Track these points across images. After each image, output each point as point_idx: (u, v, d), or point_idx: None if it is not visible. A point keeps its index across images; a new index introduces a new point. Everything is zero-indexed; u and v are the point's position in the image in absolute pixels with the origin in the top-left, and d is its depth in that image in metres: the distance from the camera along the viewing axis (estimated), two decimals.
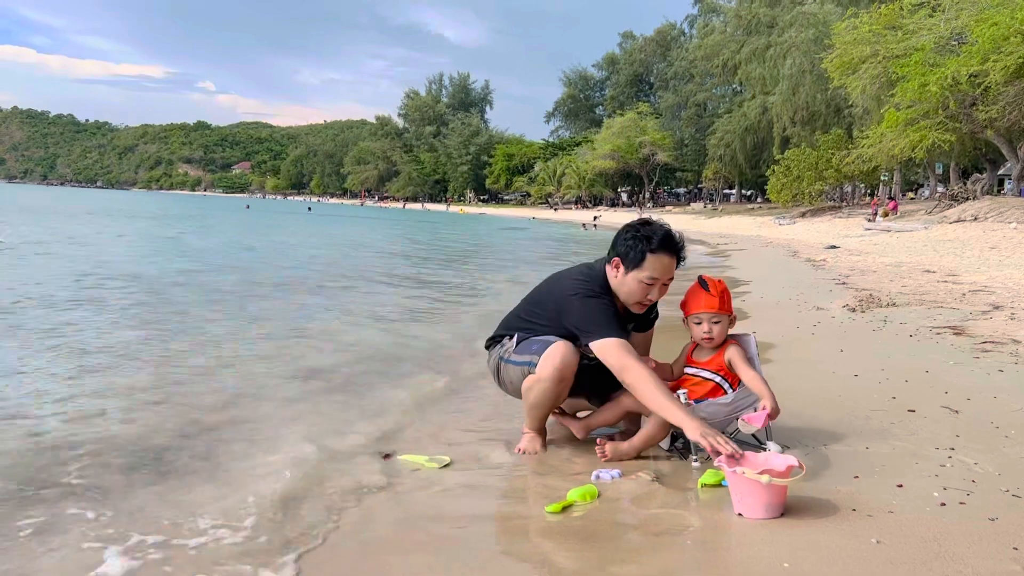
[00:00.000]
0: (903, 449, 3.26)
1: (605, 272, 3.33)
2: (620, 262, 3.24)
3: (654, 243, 3.17)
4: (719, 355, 3.27)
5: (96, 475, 3.11)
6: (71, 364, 5.10)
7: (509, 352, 3.45)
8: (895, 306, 7.96)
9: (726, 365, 3.26)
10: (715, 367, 3.28)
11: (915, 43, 27.76)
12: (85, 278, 10.02)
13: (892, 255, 16.29)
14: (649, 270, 3.18)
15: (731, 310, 3.31)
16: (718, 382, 3.27)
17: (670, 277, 3.25)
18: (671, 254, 3.20)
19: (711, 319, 3.25)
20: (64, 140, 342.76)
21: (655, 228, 3.22)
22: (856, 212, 38.37)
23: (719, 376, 3.27)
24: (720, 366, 3.27)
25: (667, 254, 3.19)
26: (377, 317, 8.08)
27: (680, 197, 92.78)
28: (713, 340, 3.28)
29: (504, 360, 3.48)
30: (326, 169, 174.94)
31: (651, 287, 3.21)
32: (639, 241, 3.19)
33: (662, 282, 3.23)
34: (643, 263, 3.18)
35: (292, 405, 4.34)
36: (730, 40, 62.06)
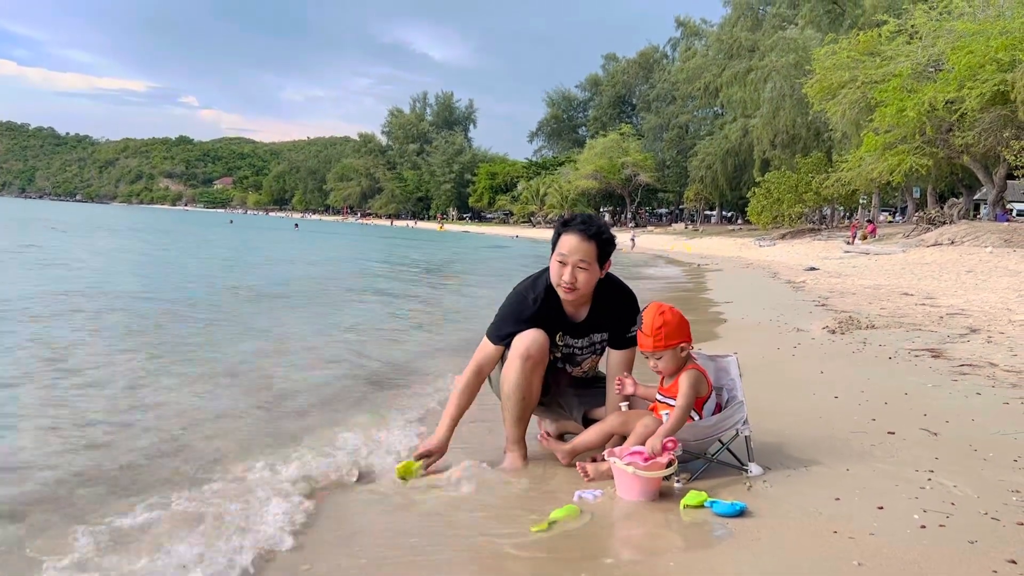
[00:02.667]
0: (883, 471, 3.27)
1: None
2: (552, 249, 3.43)
3: (569, 225, 3.37)
4: (675, 383, 3.25)
5: (67, 494, 3.06)
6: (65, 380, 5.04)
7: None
8: (874, 328, 8.03)
9: None
10: (674, 395, 3.24)
11: (893, 69, 28.22)
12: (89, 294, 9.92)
13: (871, 277, 16.45)
14: (560, 247, 3.34)
15: (676, 340, 3.20)
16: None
17: (582, 259, 3.31)
18: (583, 236, 3.31)
19: (652, 356, 3.24)
20: (44, 153, 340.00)
21: (576, 215, 3.44)
22: (835, 234, 38.80)
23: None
24: (677, 394, 3.26)
25: (576, 234, 3.32)
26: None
27: (662, 218, 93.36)
28: (662, 373, 3.27)
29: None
30: (308, 185, 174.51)
31: (564, 267, 3.33)
32: (559, 225, 3.43)
33: (574, 263, 3.31)
34: (558, 243, 3.37)
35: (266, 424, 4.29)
36: (712, 63, 62.83)
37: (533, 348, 3.34)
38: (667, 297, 13.89)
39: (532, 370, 3.36)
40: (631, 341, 3.56)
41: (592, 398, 3.66)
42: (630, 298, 3.57)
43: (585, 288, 3.36)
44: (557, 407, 3.74)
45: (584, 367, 3.67)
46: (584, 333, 3.52)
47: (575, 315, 3.48)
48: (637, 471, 2.93)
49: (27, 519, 2.80)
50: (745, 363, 3.50)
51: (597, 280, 3.39)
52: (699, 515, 2.82)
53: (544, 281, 3.46)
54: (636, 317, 3.55)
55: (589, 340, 3.56)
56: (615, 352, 3.56)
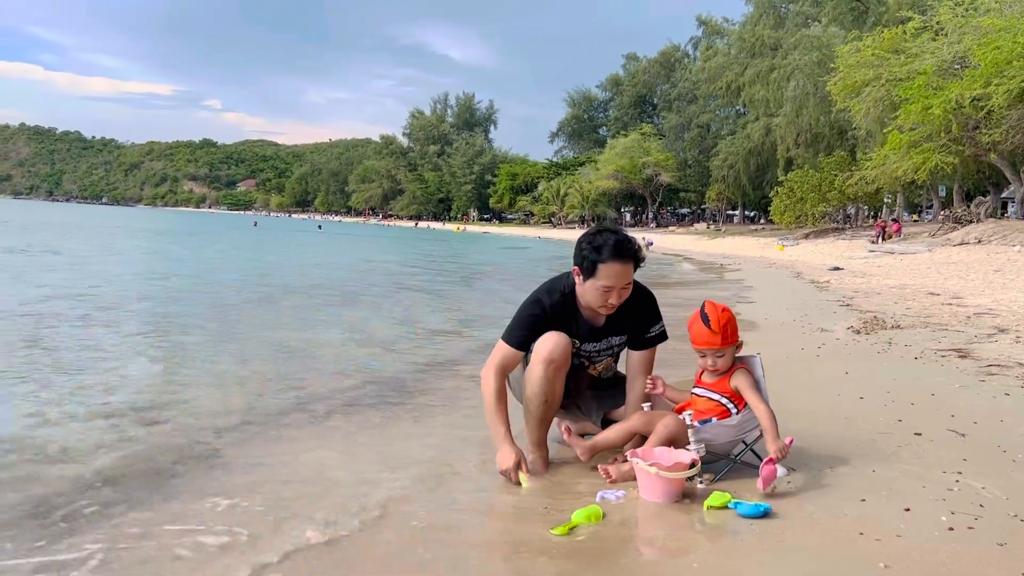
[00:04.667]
0: (910, 472, 3.23)
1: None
2: (578, 271, 3.35)
3: (604, 253, 3.25)
4: (725, 379, 3.26)
5: (98, 493, 3.10)
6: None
7: None
8: (900, 328, 7.95)
9: (732, 390, 3.25)
10: (721, 390, 3.26)
11: (918, 66, 27.87)
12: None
13: (896, 277, 16.28)
14: (603, 279, 3.26)
15: (735, 339, 3.27)
16: (724, 403, 3.26)
17: (628, 282, 3.31)
18: (623, 261, 3.26)
19: (714, 354, 3.25)
20: (71, 156, 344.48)
21: (606, 237, 3.29)
22: (860, 234, 38.41)
23: (725, 398, 3.26)
24: (726, 390, 3.26)
25: (618, 262, 3.25)
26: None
27: (684, 218, 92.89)
28: (718, 370, 3.27)
29: None
30: (331, 187, 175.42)
31: (608, 293, 3.29)
32: (591, 251, 3.28)
33: (619, 287, 3.28)
34: (596, 272, 3.27)
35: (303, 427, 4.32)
36: (734, 62, 62.37)
37: (556, 352, 3.33)
38: (688, 298, 13.84)
39: (555, 374, 3.35)
40: (651, 341, 3.55)
41: (611, 400, 3.65)
42: (649, 299, 3.55)
43: (625, 304, 3.38)
44: (576, 409, 3.74)
45: (599, 368, 3.66)
46: (601, 337, 3.51)
47: (593, 321, 3.47)
48: (660, 472, 2.92)
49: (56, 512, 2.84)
50: (768, 363, 3.48)
51: None
52: (723, 516, 2.81)
53: (560, 288, 3.44)
54: (656, 317, 3.55)
55: (607, 343, 3.55)
56: (635, 353, 3.55)
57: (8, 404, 4.53)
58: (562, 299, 3.42)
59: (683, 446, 3.16)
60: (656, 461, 2.98)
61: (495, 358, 3.41)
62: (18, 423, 4.09)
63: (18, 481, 3.21)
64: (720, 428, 3.23)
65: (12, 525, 2.75)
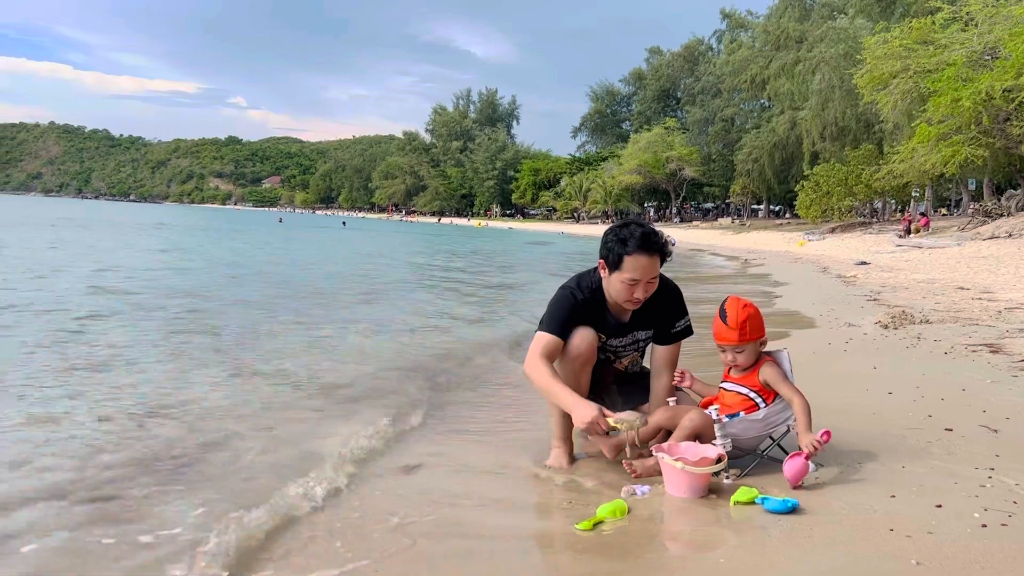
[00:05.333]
0: (941, 468, 3.18)
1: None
2: (604, 264, 3.33)
3: (630, 246, 3.23)
4: (753, 374, 3.24)
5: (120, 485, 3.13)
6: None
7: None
8: (928, 323, 7.83)
9: (760, 384, 3.22)
10: (749, 384, 3.23)
11: (947, 58, 27.44)
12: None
13: (924, 272, 16.06)
14: (628, 271, 3.24)
15: (758, 335, 3.24)
16: (752, 397, 3.22)
17: (654, 276, 3.29)
18: (649, 254, 3.24)
19: (733, 349, 3.22)
20: (99, 155, 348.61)
21: (632, 230, 3.28)
22: (887, 228, 37.94)
23: (753, 391, 3.23)
24: (754, 383, 3.23)
25: (644, 254, 3.23)
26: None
27: (708, 212, 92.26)
28: (739, 366, 3.24)
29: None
30: (354, 184, 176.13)
31: (634, 287, 3.27)
32: (617, 244, 3.27)
33: (645, 281, 3.26)
34: (621, 265, 3.25)
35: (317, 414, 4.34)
36: (758, 55, 61.79)
37: (583, 347, 3.32)
38: (712, 293, 13.75)
39: (581, 368, 3.35)
40: (677, 336, 3.53)
41: (637, 395, 3.63)
42: (675, 294, 3.53)
43: (650, 294, 3.35)
44: (601, 404, 3.71)
45: (625, 362, 3.65)
46: (627, 332, 3.49)
47: (620, 316, 3.45)
48: (686, 467, 2.90)
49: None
50: (795, 358, 3.44)
51: None
52: (750, 512, 2.78)
53: (587, 283, 3.43)
54: (682, 311, 3.53)
55: (632, 338, 3.53)
56: (661, 348, 3.53)
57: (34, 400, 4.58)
58: (591, 294, 3.41)
59: (709, 441, 3.13)
60: (682, 456, 2.96)
61: (536, 348, 3.32)
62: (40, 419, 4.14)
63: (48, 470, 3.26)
64: (746, 423, 3.19)
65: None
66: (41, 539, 2.58)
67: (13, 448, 3.54)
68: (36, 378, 4.96)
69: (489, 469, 3.41)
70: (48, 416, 4.07)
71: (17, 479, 3.14)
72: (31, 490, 3.01)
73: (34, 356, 5.69)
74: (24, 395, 4.51)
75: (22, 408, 4.20)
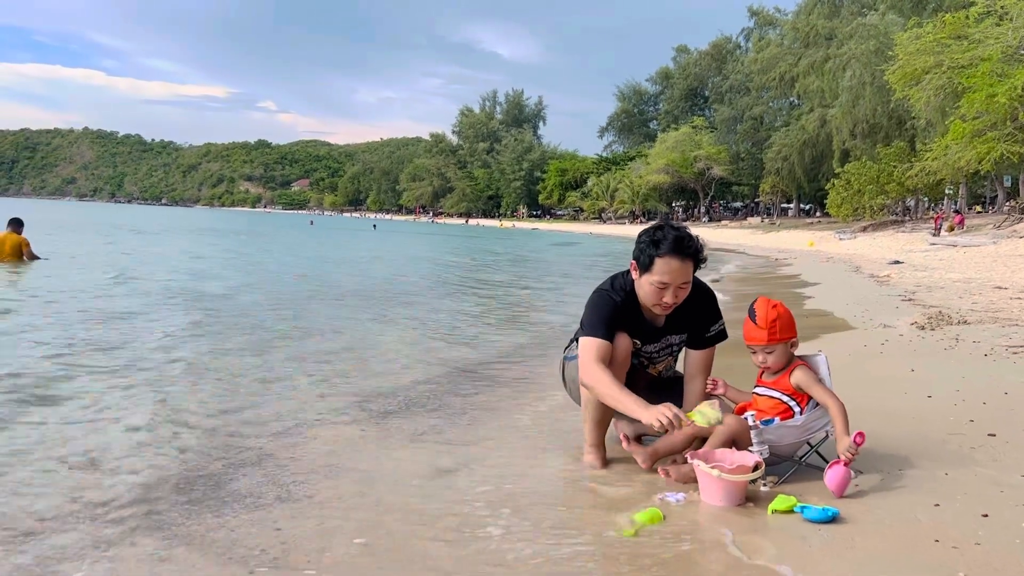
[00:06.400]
0: (985, 476, 3.10)
1: None
2: (635, 265, 3.29)
3: (662, 247, 3.17)
4: (784, 377, 3.17)
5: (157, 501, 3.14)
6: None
7: (570, 350, 3.62)
8: (967, 324, 7.67)
9: (793, 387, 3.15)
10: (782, 388, 3.17)
11: (982, 53, 26.95)
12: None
13: (960, 271, 15.76)
14: (659, 274, 3.18)
15: (789, 335, 3.17)
16: (786, 402, 3.16)
17: (685, 280, 3.21)
18: (681, 257, 3.18)
19: (763, 350, 3.15)
20: (131, 159, 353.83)
21: (666, 232, 3.22)
22: (920, 226, 37.37)
23: (786, 396, 3.16)
24: (787, 387, 3.16)
25: (676, 257, 3.17)
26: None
27: (737, 212, 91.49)
28: (771, 368, 3.18)
29: (566, 359, 3.66)
30: (382, 186, 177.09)
31: (663, 291, 3.20)
32: (649, 245, 3.22)
33: (676, 285, 3.20)
34: (652, 267, 3.19)
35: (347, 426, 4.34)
36: (787, 53, 61.21)
37: (617, 353, 3.27)
38: (741, 292, 13.62)
39: (616, 374, 3.29)
40: (711, 340, 3.47)
41: (670, 401, 3.56)
42: (709, 297, 3.47)
43: (682, 300, 3.28)
44: None
45: (659, 367, 3.59)
46: (660, 337, 3.44)
47: (654, 320, 3.40)
48: (722, 475, 2.84)
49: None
50: (832, 358, 3.37)
51: None
52: (788, 521, 2.72)
53: (620, 285, 3.37)
54: (716, 315, 3.46)
55: (666, 342, 3.47)
56: (695, 352, 3.47)
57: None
58: (624, 296, 3.35)
59: (745, 447, 3.07)
60: (718, 463, 2.90)
61: (589, 354, 3.24)
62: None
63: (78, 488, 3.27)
64: (784, 429, 3.13)
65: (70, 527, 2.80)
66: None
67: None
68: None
69: (522, 472, 3.37)
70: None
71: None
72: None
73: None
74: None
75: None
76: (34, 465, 3.41)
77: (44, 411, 4.32)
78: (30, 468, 3.37)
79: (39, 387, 4.84)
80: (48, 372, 5.28)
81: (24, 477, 3.27)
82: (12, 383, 4.88)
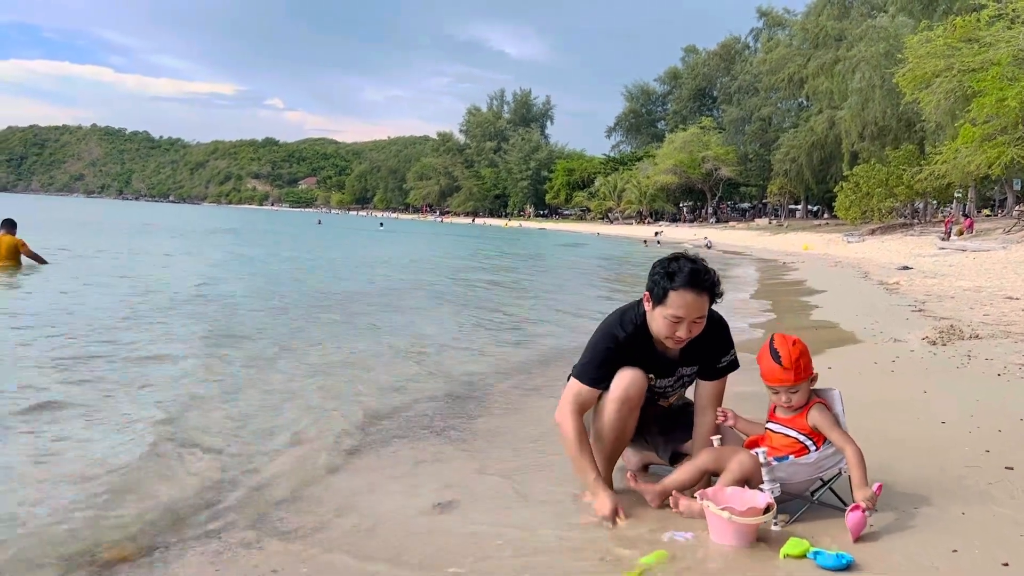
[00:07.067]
0: (1004, 517, 3.00)
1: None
2: (648, 297, 3.19)
3: (677, 281, 3.07)
4: (802, 416, 3.07)
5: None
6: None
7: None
8: (978, 338, 7.57)
9: (810, 427, 3.06)
10: (799, 427, 3.07)
11: (992, 56, 26.74)
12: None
13: (970, 278, 15.63)
14: (673, 308, 3.08)
15: (810, 371, 3.08)
16: (803, 441, 3.07)
17: (700, 315, 3.11)
18: (697, 291, 3.08)
19: (788, 391, 3.06)
20: (139, 156, 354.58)
21: (682, 264, 3.12)
22: (928, 229, 37.16)
23: (803, 435, 3.07)
24: (803, 427, 3.07)
25: (691, 291, 3.07)
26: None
27: (745, 213, 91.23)
28: (793, 406, 3.09)
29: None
30: (389, 184, 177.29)
31: (677, 324, 3.10)
32: (663, 278, 3.11)
33: (691, 320, 3.09)
34: (666, 300, 3.09)
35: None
36: (796, 54, 61.05)
37: (632, 391, 3.18)
38: (749, 302, 13.53)
39: (629, 413, 3.22)
40: (723, 371, 3.38)
41: (680, 432, 3.48)
42: (721, 326, 3.37)
43: (696, 335, 3.18)
44: (643, 441, 3.58)
45: (671, 400, 3.51)
46: (674, 370, 3.34)
47: (667, 353, 3.30)
48: (733, 517, 2.76)
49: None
50: (839, 379, 3.29)
51: None
52: (801, 567, 2.63)
53: (631, 318, 3.26)
54: (728, 345, 3.38)
55: (679, 375, 3.38)
56: (706, 383, 3.38)
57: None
58: (635, 330, 3.23)
59: (756, 484, 2.99)
60: (728, 504, 2.81)
61: (569, 398, 3.21)
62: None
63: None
64: (796, 466, 3.04)
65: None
66: None
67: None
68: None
69: (525, 506, 3.29)
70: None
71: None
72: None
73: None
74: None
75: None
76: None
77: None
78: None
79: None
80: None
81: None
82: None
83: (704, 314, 3.14)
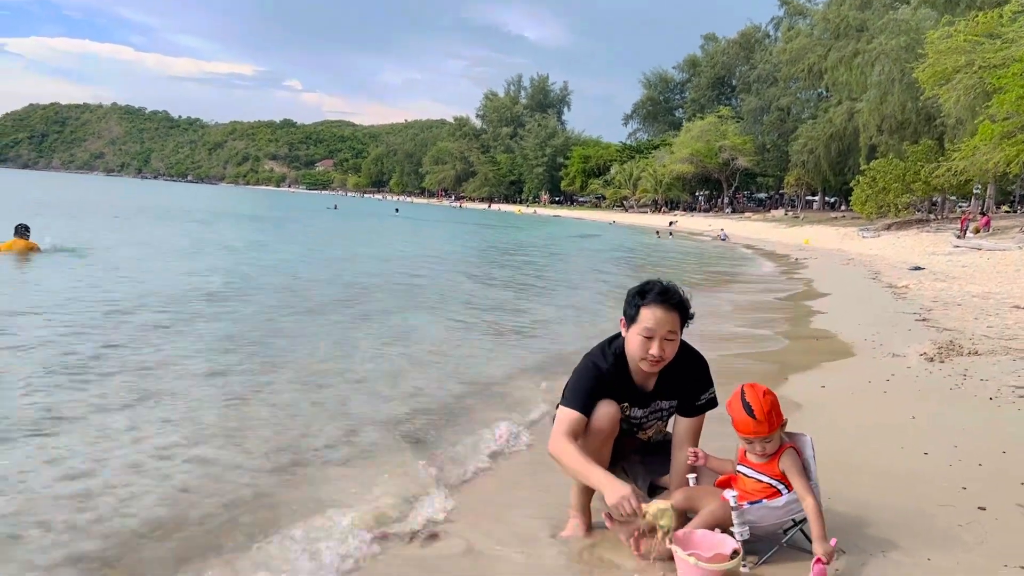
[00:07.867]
0: (968, 563, 3.06)
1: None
2: (624, 321, 3.35)
3: (648, 297, 3.26)
4: (773, 461, 3.14)
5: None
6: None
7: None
8: (977, 355, 7.58)
9: (781, 472, 3.13)
10: (770, 472, 3.14)
11: (1014, 53, 26.43)
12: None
13: (980, 282, 15.55)
14: (644, 322, 3.23)
15: (781, 418, 3.14)
16: (775, 486, 3.14)
17: (670, 330, 3.24)
18: (666, 307, 3.23)
19: (762, 441, 3.13)
20: (159, 135, 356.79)
21: (652, 284, 3.32)
22: (945, 226, 36.86)
23: (775, 480, 3.14)
24: (775, 472, 3.13)
25: (661, 307, 3.23)
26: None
27: (761, 203, 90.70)
28: (766, 453, 3.15)
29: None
30: (405, 168, 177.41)
31: (650, 340, 3.23)
32: (635, 296, 3.30)
33: (662, 336, 3.22)
34: (638, 316, 3.25)
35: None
36: (816, 44, 60.38)
37: (604, 421, 3.27)
38: (748, 302, 13.56)
39: (603, 443, 3.30)
40: (701, 409, 3.45)
41: (658, 465, 3.56)
42: (700, 364, 3.45)
43: (670, 358, 3.29)
44: (621, 473, 3.65)
45: (649, 433, 3.59)
46: (649, 402, 3.43)
47: (644, 384, 3.39)
48: (699, 563, 2.84)
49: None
50: (833, 397, 3.35)
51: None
52: None
53: (613, 349, 3.38)
54: (707, 383, 3.45)
55: (655, 407, 3.46)
56: (683, 420, 3.46)
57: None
58: (615, 361, 3.35)
59: (727, 528, 3.07)
60: (695, 550, 2.90)
61: (561, 427, 3.27)
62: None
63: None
64: (767, 509, 3.11)
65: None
66: None
67: None
68: None
69: (505, 541, 3.39)
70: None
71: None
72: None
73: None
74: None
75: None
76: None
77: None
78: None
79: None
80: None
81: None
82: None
83: (675, 331, 3.25)
